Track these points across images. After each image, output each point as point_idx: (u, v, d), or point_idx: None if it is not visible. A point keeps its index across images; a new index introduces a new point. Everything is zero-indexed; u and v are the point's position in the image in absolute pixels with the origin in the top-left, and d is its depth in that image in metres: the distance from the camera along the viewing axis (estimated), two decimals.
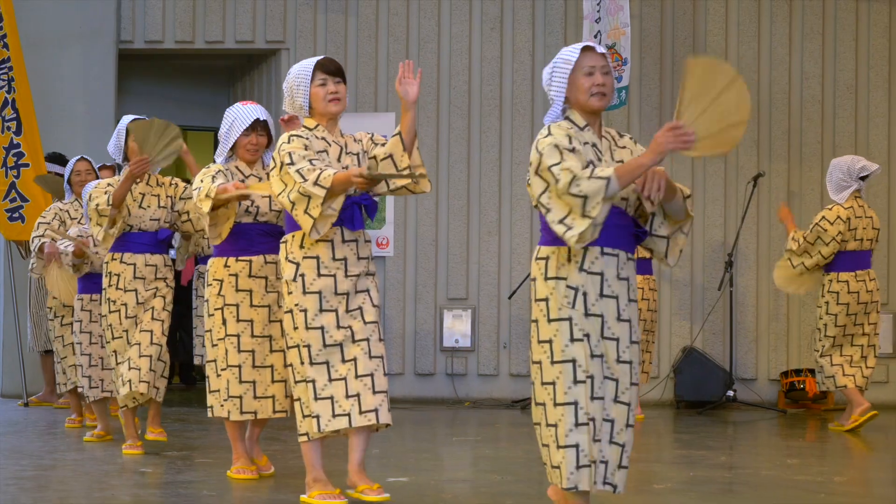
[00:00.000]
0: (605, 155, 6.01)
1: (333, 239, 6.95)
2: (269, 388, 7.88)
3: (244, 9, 14.17)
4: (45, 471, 8.84)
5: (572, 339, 5.85)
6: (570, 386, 5.83)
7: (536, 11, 14.02)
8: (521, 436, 11.16)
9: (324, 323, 6.90)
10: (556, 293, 5.88)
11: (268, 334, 7.89)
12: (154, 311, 9.05)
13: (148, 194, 9.12)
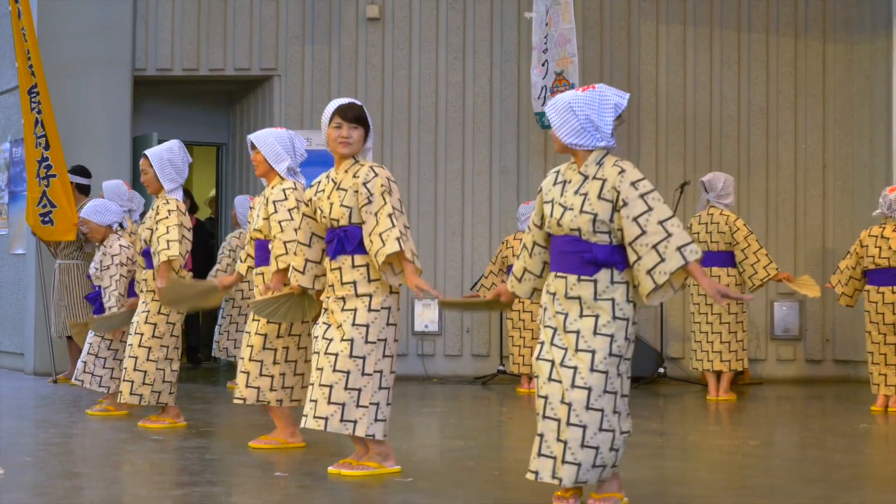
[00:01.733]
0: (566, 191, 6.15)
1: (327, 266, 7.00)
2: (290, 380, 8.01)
3: (241, 41, 14.15)
4: (70, 438, 8.83)
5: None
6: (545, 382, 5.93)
7: (493, 43, 14.02)
8: (481, 407, 11.17)
9: (318, 333, 6.93)
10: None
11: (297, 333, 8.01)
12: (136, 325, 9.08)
13: None
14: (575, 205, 5.91)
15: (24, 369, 14.11)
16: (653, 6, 13.99)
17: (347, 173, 6.97)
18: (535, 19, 13.28)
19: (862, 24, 13.81)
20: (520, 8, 13.88)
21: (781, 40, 13.89)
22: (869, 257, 10.49)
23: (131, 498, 6.49)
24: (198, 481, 7.00)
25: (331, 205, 6.93)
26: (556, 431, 5.80)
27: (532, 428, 9.86)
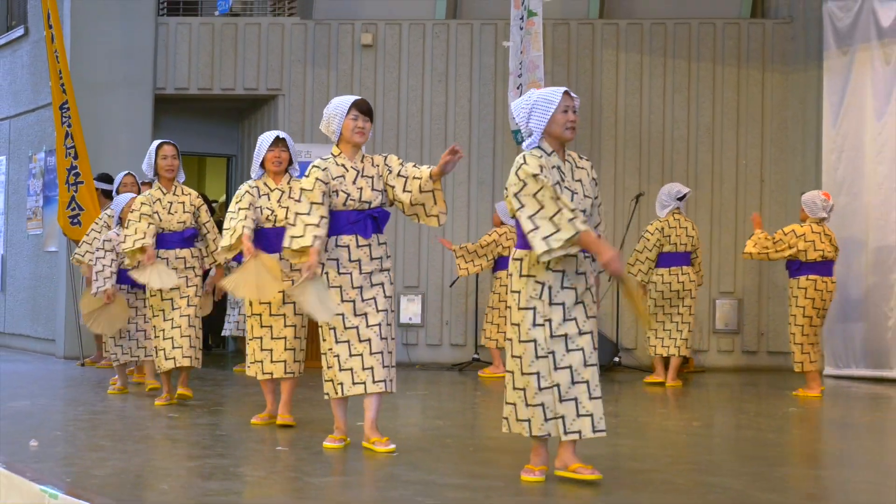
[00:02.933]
0: (567, 175, 5.98)
1: (349, 245, 6.86)
2: (281, 354, 7.87)
3: (251, 64, 14.19)
4: (96, 415, 8.85)
5: (534, 324, 5.85)
6: (532, 361, 5.84)
7: (473, 69, 14.08)
8: (458, 391, 11.21)
9: (344, 311, 6.81)
10: (527, 287, 5.87)
11: (281, 313, 7.86)
12: (189, 299, 8.96)
13: (175, 202, 9.05)
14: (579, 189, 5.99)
15: (55, 354, 14.12)
16: (613, 37, 14.07)
17: (364, 162, 6.95)
18: (511, 48, 13.33)
19: (796, 56, 13.90)
20: (497, 37, 13.94)
21: (726, 69, 13.97)
22: (802, 251, 10.67)
23: (150, 468, 6.53)
24: (209, 454, 7.06)
25: (360, 189, 6.87)
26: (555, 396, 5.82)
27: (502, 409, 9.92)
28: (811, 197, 10.96)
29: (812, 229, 10.69)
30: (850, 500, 6.05)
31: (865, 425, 9.17)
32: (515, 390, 5.92)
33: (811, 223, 10.77)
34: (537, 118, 5.95)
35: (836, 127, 12.98)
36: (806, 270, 10.72)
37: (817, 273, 10.71)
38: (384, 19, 14.16)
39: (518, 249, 5.93)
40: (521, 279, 5.89)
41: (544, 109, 5.94)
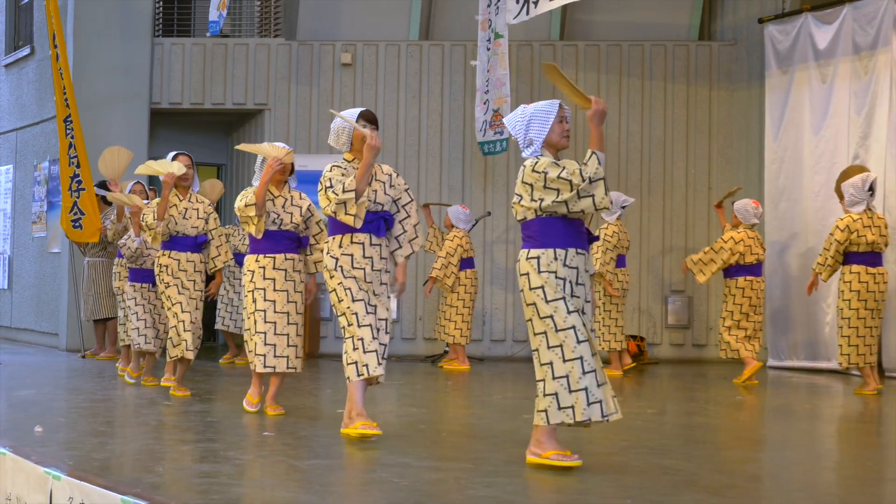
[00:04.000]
0: None
1: (364, 242, 6.82)
2: (284, 350, 7.79)
3: (239, 80, 14.16)
4: (95, 403, 8.81)
5: (569, 311, 5.75)
6: (575, 346, 5.71)
7: (444, 86, 14.08)
8: (431, 381, 11.19)
9: (364, 298, 6.77)
10: (549, 282, 5.76)
11: (285, 311, 7.80)
12: (196, 302, 8.93)
13: (190, 208, 9.00)
14: None
15: (58, 347, 14.08)
16: (573, 57, 14.08)
17: (375, 168, 6.92)
18: (479, 66, 13.34)
19: (740, 75, 13.96)
20: (466, 57, 13.94)
21: (676, 87, 14.02)
22: (741, 255, 10.89)
23: (146, 451, 6.49)
24: (200, 439, 7.02)
25: (374, 192, 6.86)
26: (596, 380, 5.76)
27: (470, 398, 9.92)
28: (743, 205, 11.16)
29: (748, 234, 10.96)
30: (789, 479, 6.06)
31: (804, 412, 9.20)
32: (556, 380, 5.75)
33: (745, 229, 11.02)
34: (537, 128, 5.92)
35: (777, 140, 13.03)
36: (743, 272, 10.97)
37: (752, 274, 11.02)
38: (362, 40, 14.15)
39: (533, 249, 5.83)
40: (541, 275, 5.78)
41: (543, 120, 5.92)
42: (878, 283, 10.08)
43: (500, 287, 13.99)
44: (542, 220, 5.84)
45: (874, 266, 10.09)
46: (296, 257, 7.90)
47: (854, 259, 10.09)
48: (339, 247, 6.82)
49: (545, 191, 5.79)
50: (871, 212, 10.22)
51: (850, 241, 10.07)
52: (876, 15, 11.93)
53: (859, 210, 10.15)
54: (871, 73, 11.96)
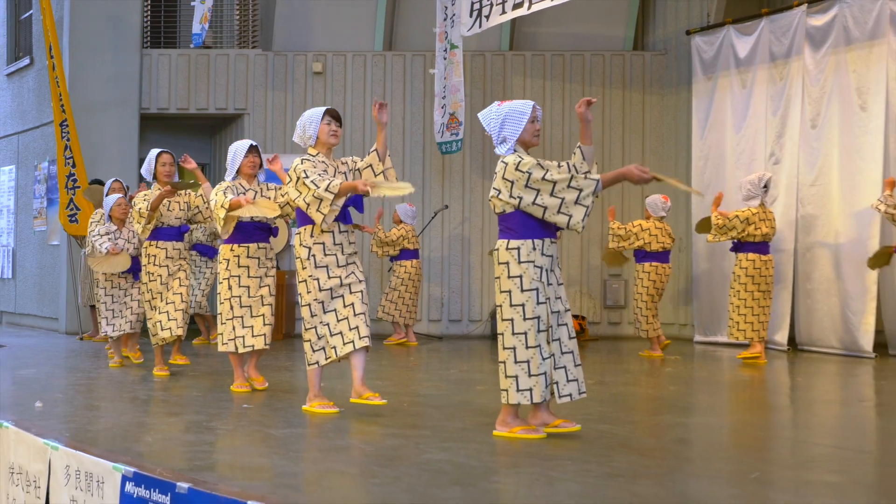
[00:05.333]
0: None
1: (334, 231, 6.72)
2: (261, 329, 7.74)
3: (220, 88, 14.10)
4: (91, 380, 8.77)
5: (538, 303, 5.68)
6: (536, 335, 5.67)
7: (406, 92, 14.07)
8: (393, 358, 11.20)
9: (332, 286, 6.68)
10: (528, 272, 5.68)
11: (259, 295, 7.74)
12: (180, 281, 8.86)
13: (173, 201, 8.90)
14: None
15: (58, 330, 14.01)
16: (521, 66, 14.12)
17: (337, 161, 6.87)
18: (437, 74, 13.35)
19: (670, 81, 14.04)
20: (425, 66, 13.95)
21: (613, 92, 14.08)
22: (647, 242, 11.06)
23: (136, 424, 6.48)
24: (185, 412, 7.01)
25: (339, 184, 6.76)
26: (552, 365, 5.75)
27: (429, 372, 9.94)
28: (653, 200, 11.33)
29: (655, 225, 11.14)
30: (710, 441, 6.13)
31: (725, 382, 9.28)
32: (518, 364, 5.68)
33: (653, 220, 11.19)
34: (511, 127, 5.79)
35: (703, 139, 13.13)
36: (650, 258, 11.16)
37: (658, 261, 11.17)
38: (332, 51, 14.12)
39: (513, 240, 5.72)
40: (521, 265, 5.68)
41: (517, 119, 5.79)
42: (768, 268, 10.49)
43: (457, 273, 14.02)
44: (521, 212, 5.74)
45: (765, 254, 10.51)
46: (267, 246, 7.86)
47: (749, 248, 10.48)
48: (311, 236, 6.73)
49: (525, 190, 5.66)
50: (764, 207, 10.51)
51: (747, 232, 10.37)
52: (790, 27, 12.03)
53: (755, 205, 10.47)
54: (786, 79, 12.07)
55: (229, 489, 4.41)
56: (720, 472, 5.07)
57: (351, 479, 4.92)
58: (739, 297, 10.47)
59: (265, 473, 5.01)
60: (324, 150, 6.87)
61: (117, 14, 13.96)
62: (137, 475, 4.75)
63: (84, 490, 5.08)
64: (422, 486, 4.57)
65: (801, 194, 11.80)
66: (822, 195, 11.55)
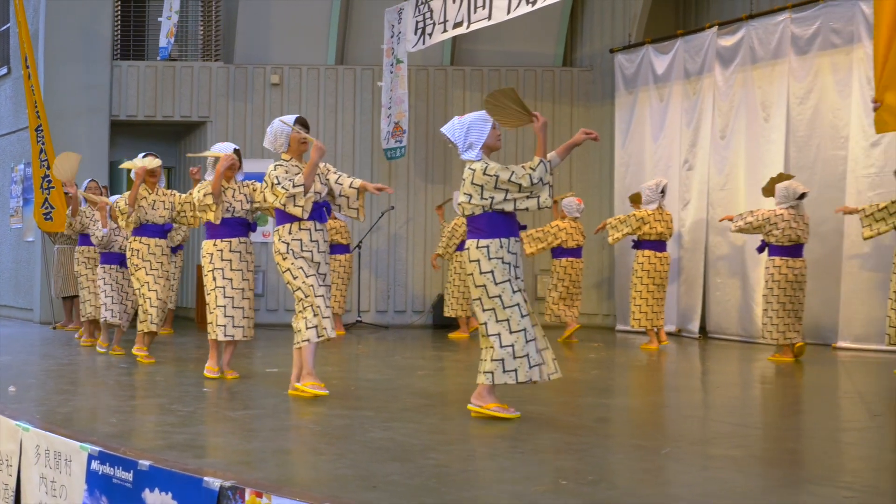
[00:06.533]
0: None
1: (310, 229, 6.63)
2: (241, 321, 7.59)
3: (185, 97, 13.98)
4: (62, 366, 8.65)
5: (514, 291, 5.68)
6: (519, 320, 5.65)
7: (356, 103, 14.04)
8: (345, 346, 11.18)
9: (314, 273, 6.59)
10: (498, 267, 5.68)
11: (241, 287, 7.60)
12: (163, 283, 8.67)
13: (157, 200, 8.73)
14: None
15: (32, 320, 13.83)
16: (461, 80, 14.13)
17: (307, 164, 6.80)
18: (384, 87, 13.33)
19: (595, 94, 14.13)
20: (374, 79, 13.92)
21: (544, 104, 14.14)
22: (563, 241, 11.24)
23: (103, 406, 6.41)
24: (149, 395, 6.95)
25: (312, 184, 6.67)
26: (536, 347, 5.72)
27: (375, 359, 9.93)
28: (568, 202, 11.52)
29: (570, 225, 11.37)
30: (627, 420, 6.18)
31: (642, 367, 9.33)
32: (503, 348, 5.65)
33: (568, 220, 11.40)
34: (476, 134, 5.79)
35: (624, 148, 13.23)
36: (566, 254, 11.40)
37: (573, 256, 11.41)
38: (288, 64, 14.05)
39: (482, 239, 5.72)
40: (491, 261, 5.68)
41: (481, 127, 5.79)
42: (663, 264, 10.68)
43: (402, 268, 14.01)
44: (489, 214, 5.74)
45: (662, 251, 10.67)
46: (247, 241, 7.70)
47: (646, 245, 10.65)
48: (290, 233, 6.64)
49: (495, 190, 5.68)
50: (661, 209, 10.68)
51: (643, 231, 10.54)
52: (702, 47, 12.16)
53: (653, 208, 10.66)
54: (698, 94, 12.19)
55: (187, 466, 4.37)
56: (635, 448, 5.11)
57: (300, 456, 4.90)
58: (637, 290, 10.65)
59: (221, 451, 4.97)
60: (296, 156, 6.81)
61: (89, 28, 13.79)
62: (102, 454, 4.69)
63: (53, 468, 5.02)
64: (365, 462, 4.56)
65: (711, 198, 11.94)
66: (729, 198, 11.68)
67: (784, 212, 9.29)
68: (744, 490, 4.16)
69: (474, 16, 11.53)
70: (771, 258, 9.35)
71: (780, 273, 9.29)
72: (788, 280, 9.28)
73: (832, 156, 10.76)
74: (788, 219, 9.27)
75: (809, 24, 10.95)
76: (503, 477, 4.40)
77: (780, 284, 9.28)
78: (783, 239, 9.27)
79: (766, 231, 9.33)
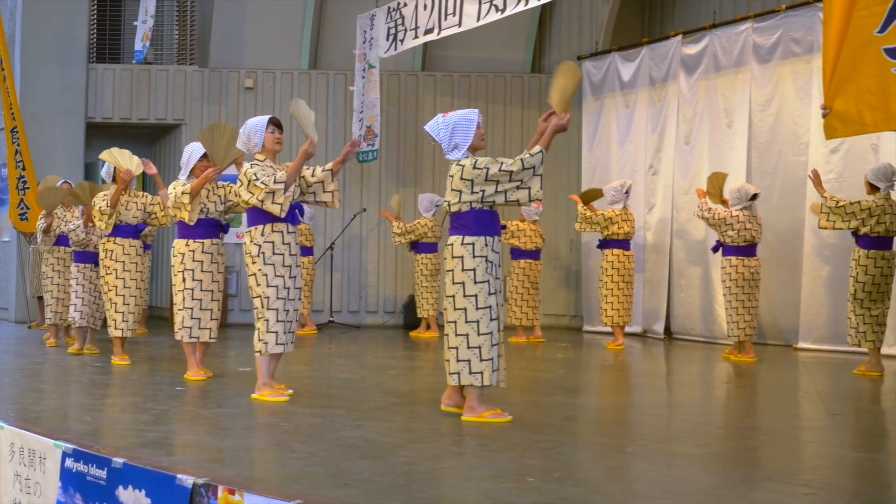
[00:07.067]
0: None
1: (283, 231, 6.51)
2: (208, 323, 7.49)
3: (160, 100, 13.89)
4: (37, 365, 8.58)
5: (489, 294, 5.63)
6: (488, 323, 5.60)
7: (328, 106, 14.00)
8: (317, 345, 11.14)
9: (277, 284, 6.46)
10: (480, 266, 5.63)
11: (210, 290, 7.50)
12: (136, 282, 8.54)
13: (130, 201, 8.61)
14: None
15: (8, 319, 13.67)
16: (432, 85, 14.14)
17: (282, 165, 6.69)
18: (356, 91, 13.30)
19: None
20: (346, 84, 13.89)
21: (513, 110, 14.16)
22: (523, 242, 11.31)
23: (77, 405, 6.35)
24: (123, 394, 6.90)
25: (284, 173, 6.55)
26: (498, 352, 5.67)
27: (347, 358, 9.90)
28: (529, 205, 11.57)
29: (529, 227, 11.51)
30: (593, 419, 6.20)
31: (608, 366, 9.37)
32: (470, 349, 5.60)
33: (528, 223, 11.55)
34: (462, 134, 5.72)
35: (591, 152, 13.27)
36: (525, 256, 11.54)
37: (532, 258, 11.56)
38: (262, 68, 13.99)
39: (468, 237, 5.66)
40: (475, 259, 5.62)
41: (467, 127, 5.73)
42: (630, 262, 10.83)
43: (373, 269, 13.99)
44: (475, 212, 5.67)
45: (628, 250, 10.81)
46: (219, 242, 7.60)
47: (613, 245, 10.77)
48: (262, 235, 6.51)
49: (486, 183, 5.60)
50: (626, 209, 10.77)
51: (610, 230, 10.64)
52: (667, 55, 12.22)
53: (618, 208, 10.74)
54: (663, 101, 12.26)
55: (160, 464, 4.34)
56: (601, 447, 5.13)
57: (272, 454, 4.88)
58: (607, 288, 10.77)
59: (194, 449, 4.94)
60: (269, 156, 6.70)
61: (65, 31, 13.68)
62: (77, 451, 4.65)
63: (27, 465, 4.97)
64: (336, 460, 4.55)
65: (675, 202, 12.00)
66: (693, 203, 11.73)
67: (739, 213, 9.44)
68: (706, 487, 4.19)
69: (445, 23, 11.53)
70: (727, 258, 9.47)
71: (737, 272, 9.44)
72: (745, 279, 9.43)
73: (793, 161, 10.85)
74: (743, 220, 9.41)
75: (771, 33, 11.03)
76: (472, 474, 4.40)
77: (738, 283, 9.41)
78: (738, 239, 9.41)
79: (722, 231, 9.45)
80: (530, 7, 10.27)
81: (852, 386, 7.85)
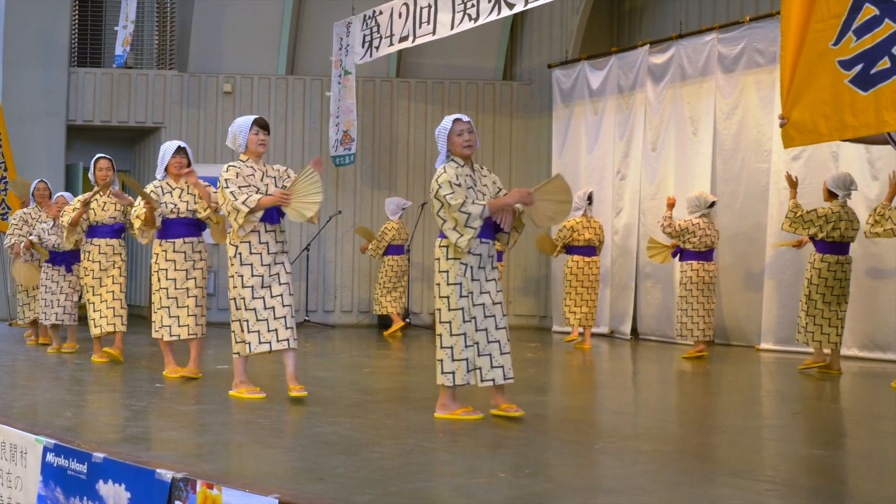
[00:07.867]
0: (477, 181, 5.68)
1: (259, 230, 6.38)
2: (186, 320, 7.40)
3: (140, 103, 13.81)
4: (17, 362, 8.51)
5: (460, 296, 5.57)
6: (461, 324, 5.55)
7: (305, 111, 13.97)
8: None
9: (254, 284, 6.34)
10: (453, 267, 5.58)
11: (185, 287, 7.42)
12: (114, 278, 8.39)
13: (108, 202, 8.48)
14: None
15: None
16: (406, 91, 14.13)
17: (266, 167, 6.55)
18: (332, 97, 13.28)
19: (534, 108, 14.20)
20: (322, 89, 13.86)
21: (485, 116, 14.18)
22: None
23: (57, 401, 6.30)
24: (103, 390, 6.86)
25: (266, 185, 6.44)
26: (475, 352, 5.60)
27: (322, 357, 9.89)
28: None
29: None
30: (562, 417, 6.21)
31: (577, 366, 9.40)
32: (443, 349, 5.57)
33: None
34: (441, 142, 5.66)
35: (561, 157, 13.30)
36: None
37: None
38: (240, 73, 13.94)
39: (444, 239, 5.60)
40: (449, 261, 5.58)
41: (441, 136, 5.65)
42: (591, 268, 10.86)
43: (348, 270, 13.97)
44: None
45: (589, 256, 10.82)
46: (194, 240, 7.48)
47: (575, 251, 10.79)
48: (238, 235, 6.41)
49: (434, 199, 5.59)
50: (587, 217, 10.82)
51: (572, 238, 10.69)
52: (635, 64, 12.28)
53: (578, 216, 10.78)
54: (631, 108, 12.31)
55: (140, 459, 4.32)
56: (570, 444, 5.14)
57: (250, 450, 4.86)
58: (566, 292, 10.86)
59: (173, 445, 4.92)
60: (253, 157, 6.57)
61: (48, 35, 13.58)
62: (58, 447, 4.61)
63: (9, 460, 4.92)
64: (312, 456, 4.54)
65: (642, 206, 12.05)
66: (659, 208, 11.80)
67: (699, 221, 9.69)
68: (671, 483, 4.21)
69: (419, 31, 11.54)
70: (688, 262, 9.72)
71: (698, 276, 9.68)
72: (705, 282, 9.69)
73: (756, 168, 10.93)
74: (704, 227, 9.68)
75: (735, 43, 11.11)
76: (444, 470, 4.40)
77: (699, 286, 9.67)
78: (700, 245, 9.68)
79: (685, 240, 9.67)
80: (503, 16, 10.30)
81: (812, 385, 7.91)
